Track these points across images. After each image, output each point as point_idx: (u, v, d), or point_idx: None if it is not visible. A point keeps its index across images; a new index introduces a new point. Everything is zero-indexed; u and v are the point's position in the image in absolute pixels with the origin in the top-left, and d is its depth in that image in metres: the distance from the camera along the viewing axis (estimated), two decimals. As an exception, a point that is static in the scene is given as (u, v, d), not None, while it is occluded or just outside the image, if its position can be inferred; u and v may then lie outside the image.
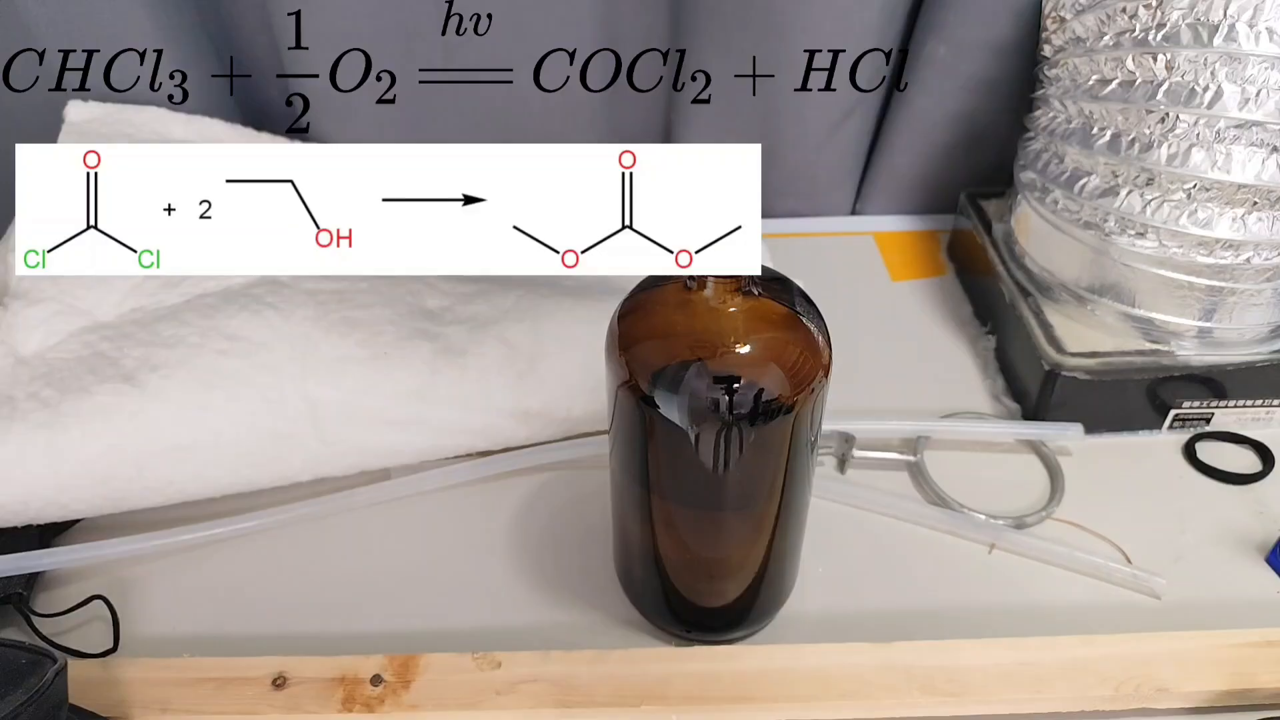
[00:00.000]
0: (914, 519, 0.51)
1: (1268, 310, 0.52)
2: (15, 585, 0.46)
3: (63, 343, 0.51)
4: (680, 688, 0.42)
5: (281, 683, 0.42)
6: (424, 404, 0.51)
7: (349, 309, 0.53)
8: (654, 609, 0.45)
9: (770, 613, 0.46)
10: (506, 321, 0.54)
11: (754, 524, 0.41)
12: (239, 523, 0.49)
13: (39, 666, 0.37)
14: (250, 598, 0.48)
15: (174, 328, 0.51)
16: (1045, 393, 0.54)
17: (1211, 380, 0.54)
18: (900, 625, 0.46)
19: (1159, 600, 0.47)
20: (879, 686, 0.42)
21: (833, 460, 0.54)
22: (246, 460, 0.49)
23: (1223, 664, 0.42)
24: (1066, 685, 0.41)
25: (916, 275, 0.69)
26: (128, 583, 0.48)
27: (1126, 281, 0.53)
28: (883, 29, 0.63)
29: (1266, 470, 0.53)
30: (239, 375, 0.49)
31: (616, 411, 0.38)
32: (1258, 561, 0.49)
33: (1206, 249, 0.50)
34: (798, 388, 0.36)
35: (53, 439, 0.47)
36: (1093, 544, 0.50)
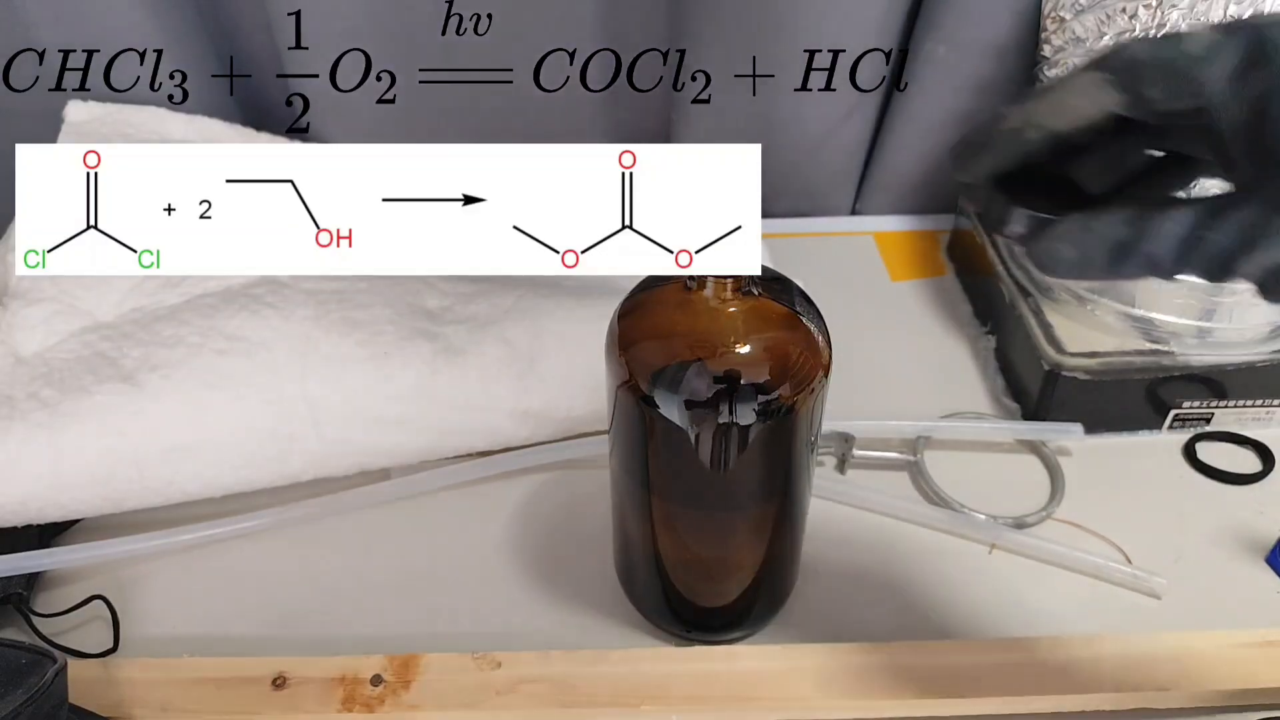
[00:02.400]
0: (914, 519, 0.51)
1: (1267, 310, 0.52)
2: (15, 585, 0.46)
3: (62, 343, 0.51)
4: (680, 688, 0.42)
5: (281, 683, 0.42)
6: (424, 404, 0.51)
7: (349, 309, 0.53)
8: (654, 609, 0.45)
9: (770, 613, 0.46)
10: (507, 321, 0.54)
11: (754, 524, 0.41)
12: (239, 523, 0.49)
13: (39, 666, 0.37)
14: (250, 598, 0.48)
15: (174, 328, 0.51)
16: (1045, 393, 0.54)
17: (1211, 380, 0.54)
18: (900, 625, 0.46)
19: (1159, 600, 0.47)
20: (879, 686, 0.42)
21: (833, 460, 0.54)
22: (246, 460, 0.49)
23: (1223, 664, 0.42)
24: (1066, 685, 0.41)
25: (916, 275, 0.69)
26: (128, 583, 0.48)
27: (1126, 281, 0.53)
28: (882, 29, 0.63)
29: (1266, 470, 0.53)
30: (239, 375, 0.49)
31: (616, 411, 0.38)
32: (1258, 561, 0.49)
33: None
34: (798, 388, 0.36)
35: (52, 439, 0.47)
36: (1093, 544, 0.50)
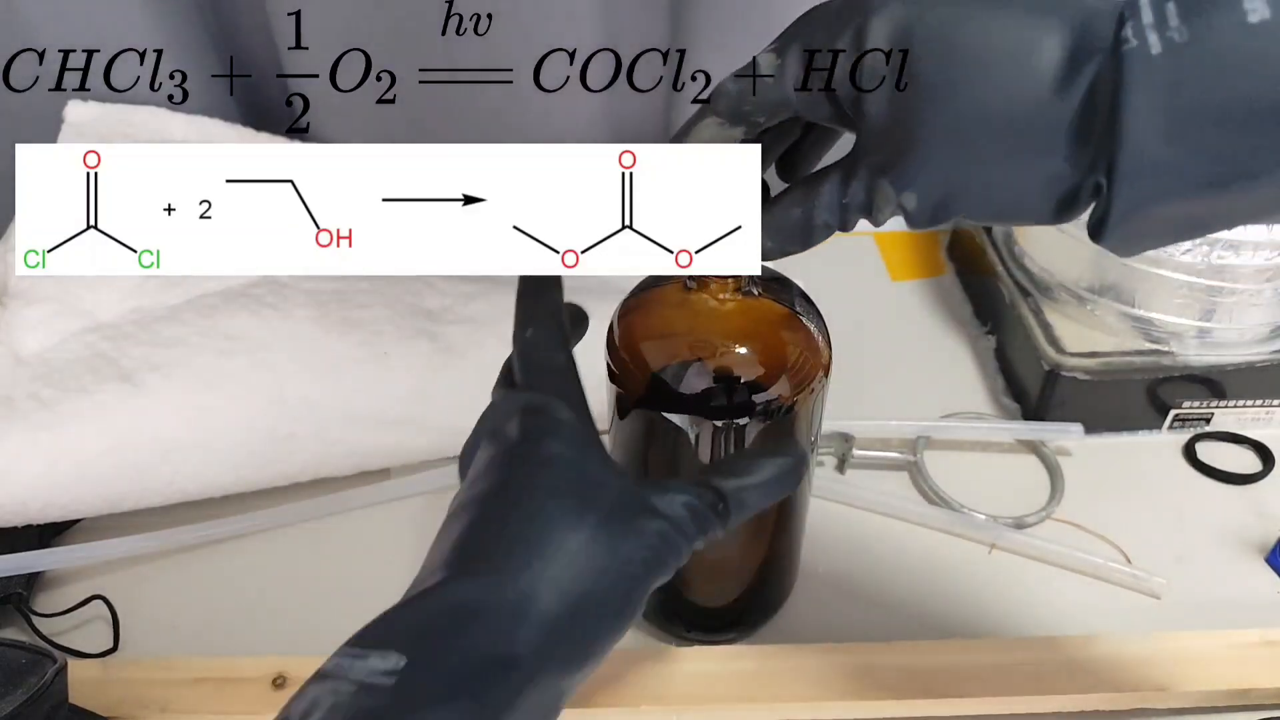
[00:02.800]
0: (914, 519, 0.51)
1: (1268, 310, 0.52)
2: (15, 585, 0.46)
3: (62, 343, 0.51)
4: (680, 688, 0.42)
5: (282, 683, 0.42)
6: (424, 404, 0.51)
7: (349, 309, 0.53)
8: (654, 609, 0.45)
9: (770, 613, 0.46)
10: (507, 321, 0.54)
11: (754, 525, 0.41)
12: (239, 523, 0.49)
13: (39, 666, 0.37)
14: (250, 598, 0.48)
15: (174, 328, 0.51)
16: (1045, 393, 0.54)
17: (1211, 380, 0.54)
18: (900, 624, 0.46)
19: (1159, 600, 0.47)
20: (879, 686, 0.42)
21: (832, 460, 0.54)
22: (246, 460, 0.49)
23: (1222, 664, 0.42)
24: (1066, 685, 0.41)
25: (916, 275, 0.69)
26: (128, 583, 0.48)
27: (1126, 281, 0.53)
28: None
29: (1266, 470, 0.53)
30: (239, 375, 0.49)
31: (616, 412, 0.38)
32: (1258, 561, 0.49)
33: (1206, 249, 0.50)
34: (798, 388, 0.36)
35: (52, 439, 0.46)
36: (1093, 544, 0.50)
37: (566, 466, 0.28)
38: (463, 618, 0.25)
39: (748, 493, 0.29)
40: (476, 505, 0.28)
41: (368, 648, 0.24)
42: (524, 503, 0.27)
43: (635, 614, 0.27)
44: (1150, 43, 0.22)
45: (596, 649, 0.27)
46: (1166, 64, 0.22)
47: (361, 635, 0.25)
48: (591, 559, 0.26)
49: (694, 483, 0.29)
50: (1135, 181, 0.23)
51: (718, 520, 0.29)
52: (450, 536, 0.27)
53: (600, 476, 0.28)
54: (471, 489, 0.28)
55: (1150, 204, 0.24)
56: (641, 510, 0.27)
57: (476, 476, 0.29)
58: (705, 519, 0.28)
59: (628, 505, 0.27)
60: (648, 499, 0.28)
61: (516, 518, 0.27)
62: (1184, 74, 0.22)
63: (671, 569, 0.28)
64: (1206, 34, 0.22)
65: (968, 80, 0.25)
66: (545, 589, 0.26)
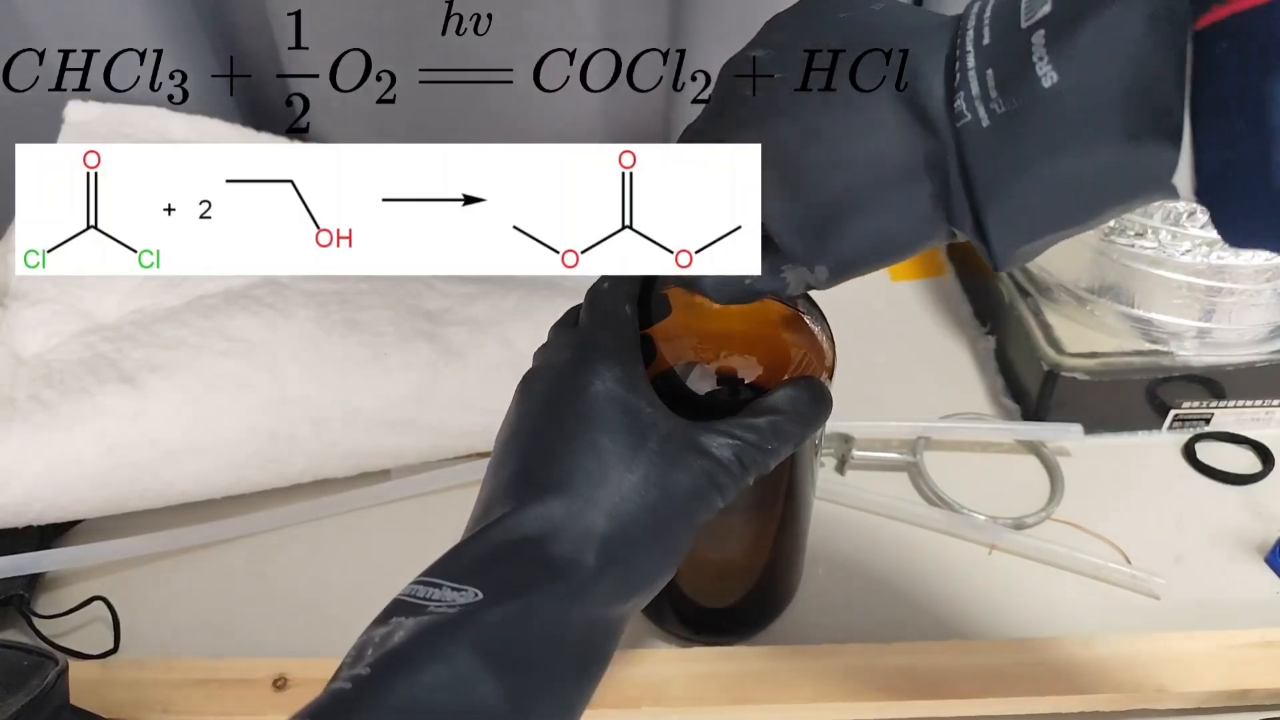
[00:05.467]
0: (914, 519, 0.51)
1: (1267, 310, 0.52)
2: (16, 586, 0.46)
3: (63, 344, 0.51)
4: (680, 688, 0.42)
5: (282, 684, 0.42)
6: (425, 405, 0.51)
7: (349, 310, 0.53)
8: (656, 610, 0.45)
9: (773, 614, 0.46)
10: (508, 322, 0.54)
11: (758, 526, 0.41)
12: (240, 524, 0.49)
13: (40, 668, 0.37)
14: (251, 599, 0.48)
15: (174, 329, 0.51)
16: (1045, 393, 0.54)
17: (1211, 380, 0.54)
18: (900, 625, 0.46)
19: (1158, 600, 0.47)
20: (879, 687, 0.42)
21: (833, 461, 0.54)
22: (247, 461, 0.49)
23: (1222, 664, 0.42)
24: (1066, 685, 0.41)
25: (916, 275, 0.69)
26: (128, 583, 0.48)
27: (1126, 281, 0.53)
28: (882, 29, 0.63)
29: (1266, 470, 0.53)
30: (239, 376, 0.49)
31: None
32: (1258, 561, 0.49)
33: (1206, 249, 0.50)
34: (798, 388, 0.36)
35: (53, 440, 0.46)
36: (1092, 544, 0.50)
37: (618, 403, 0.29)
38: (532, 547, 0.27)
39: (782, 422, 0.31)
40: (531, 437, 0.29)
41: (444, 579, 0.26)
42: (581, 435, 0.28)
43: (684, 551, 0.29)
44: (980, 117, 0.24)
45: (646, 583, 0.29)
46: (997, 133, 0.24)
47: (435, 568, 0.27)
48: (644, 495, 0.28)
49: (739, 424, 0.30)
50: (1001, 234, 0.25)
51: (762, 459, 0.30)
52: (509, 467, 0.29)
53: (650, 416, 0.29)
54: (522, 421, 0.30)
55: (1022, 243, 0.26)
56: (691, 449, 0.29)
57: (528, 409, 0.30)
58: (751, 459, 0.30)
59: (678, 444, 0.29)
60: (696, 439, 0.29)
61: (575, 451, 0.28)
62: (1012, 138, 0.24)
63: (716, 509, 0.30)
64: (1017, 103, 0.23)
65: (828, 186, 0.27)
66: (605, 520, 0.28)
